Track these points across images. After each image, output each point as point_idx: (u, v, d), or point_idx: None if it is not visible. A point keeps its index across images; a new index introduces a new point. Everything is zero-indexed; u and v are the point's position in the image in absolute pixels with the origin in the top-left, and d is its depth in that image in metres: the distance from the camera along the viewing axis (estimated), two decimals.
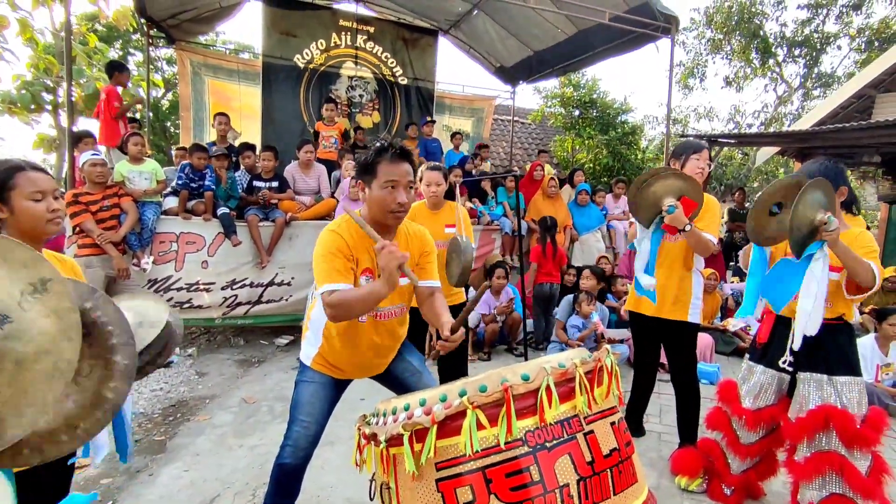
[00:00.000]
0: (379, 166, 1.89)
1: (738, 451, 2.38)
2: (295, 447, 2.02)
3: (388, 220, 1.94)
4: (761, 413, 2.35)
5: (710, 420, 2.51)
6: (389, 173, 1.88)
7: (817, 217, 1.95)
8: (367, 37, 8.47)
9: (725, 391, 2.51)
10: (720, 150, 8.83)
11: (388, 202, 1.89)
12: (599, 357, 1.46)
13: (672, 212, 2.49)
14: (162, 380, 4.27)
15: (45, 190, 1.58)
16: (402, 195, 1.90)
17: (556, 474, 1.28)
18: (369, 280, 1.95)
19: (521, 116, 12.56)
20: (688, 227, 2.51)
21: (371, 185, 1.92)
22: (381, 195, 1.89)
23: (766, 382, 2.36)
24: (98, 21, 12.60)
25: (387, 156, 1.89)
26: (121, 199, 4.30)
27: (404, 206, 1.92)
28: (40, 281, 1.26)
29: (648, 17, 6.53)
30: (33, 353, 1.21)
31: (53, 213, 1.59)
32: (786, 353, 2.29)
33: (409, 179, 1.92)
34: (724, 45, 13.87)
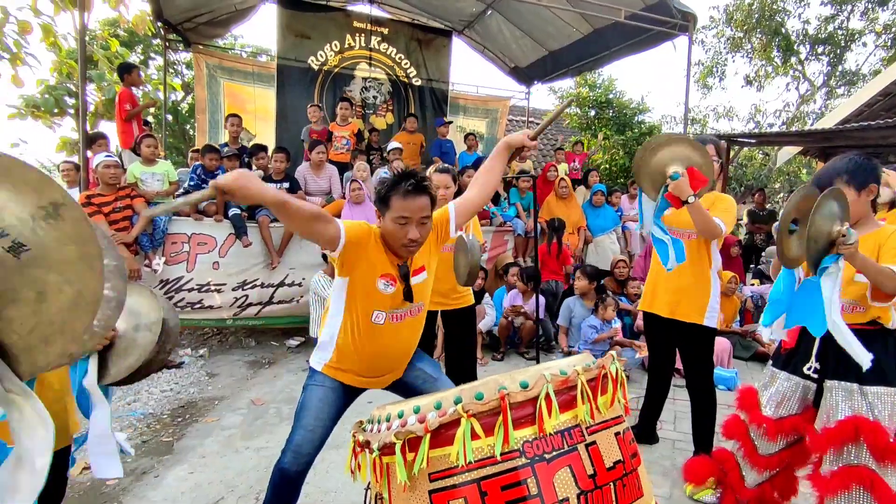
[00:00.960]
0: (392, 199, 1.84)
1: (755, 462, 2.27)
2: (297, 453, 1.97)
3: (399, 252, 1.91)
4: (783, 422, 2.22)
5: (727, 428, 2.40)
6: (401, 209, 1.82)
7: (834, 229, 1.85)
8: (381, 38, 8.47)
9: (745, 398, 2.38)
10: (739, 150, 8.63)
11: (398, 237, 1.85)
12: (603, 364, 1.39)
13: (676, 178, 2.32)
14: (172, 380, 4.28)
15: None
16: (414, 231, 1.84)
17: (556, 488, 1.21)
18: (388, 285, 1.91)
19: (537, 117, 12.44)
20: (691, 198, 2.36)
21: (385, 216, 1.87)
22: (392, 229, 1.84)
23: (789, 390, 2.22)
24: (119, 26, 12.79)
25: (401, 190, 1.82)
26: (133, 200, 4.33)
27: (416, 241, 1.86)
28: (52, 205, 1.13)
29: (665, 14, 6.41)
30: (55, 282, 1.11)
31: None
32: (811, 360, 2.17)
33: (422, 215, 1.85)
34: (745, 44, 13.59)
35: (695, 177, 2.37)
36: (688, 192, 2.35)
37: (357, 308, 1.92)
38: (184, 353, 4.85)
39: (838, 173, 2.07)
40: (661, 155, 2.40)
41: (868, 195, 2.05)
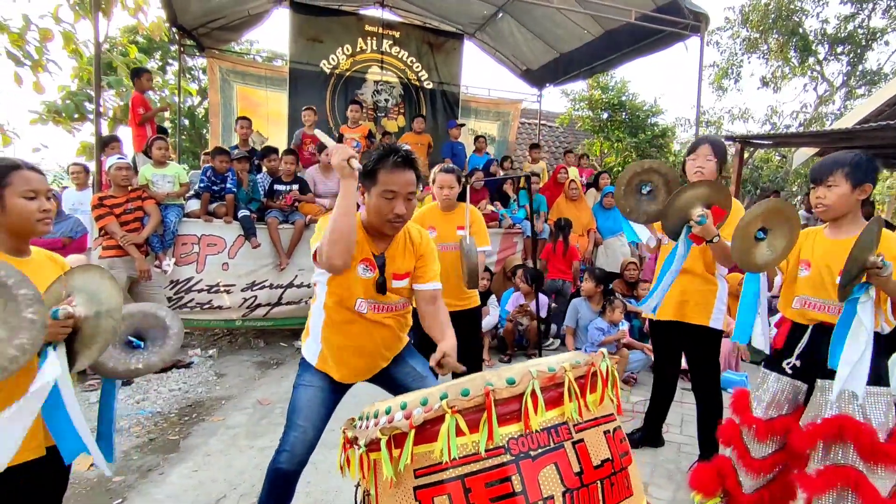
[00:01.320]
0: (379, 173, 1.81)
1: (749, 466, 2.23)
2: (291, 453, 1.98)
3: (384, 228, 1.89)
4: (773, 423, 2.18)
5: (722, 433, 2.35)
6: (389, 182, 1.80)
7: (870, 259, 1.83)
8: (393, 41, 8.52)
9: (738, 400, 2.35)
10: (753, 152, 8.50)
11: (384, 212, 1.83)
12: (593, 361, 1.37)
13: (703, 222, 2.31)
14: (181, 380, 4.33)
15: (39, 189, 1.60)
16: (401, 206, 1.82)
17: (541, 485, 1.20)
18: (367, 269, 1.92)
19: (549, 120, 12.41)
20: (716, 238, 2.35)
21: (370, 191, 1.85)
22: (378, 203, 1.82)
23: (779, 390, 2.20)
24: (138, 33, 13.03)
25: (388, 163, 1.80)
26: (144, 202, 4.39)
27: (402, 216, 1.85)
28: None
29: (677, 15, 6.36)
30: None
31: (44, 213, 1.60)
32: (792, 357, 2.15)
33: (409, 190, 1.83)
34: (761, 45, 13.38)
35: (716, 213, 2.37)
36: (714, 233, 2.34)
37: (340, 296, 1.93)
38: (193, 353, 4.90)
39: (841, 165, 2.05)
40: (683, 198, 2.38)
41: (861, 194, 2.04)
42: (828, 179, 2.05)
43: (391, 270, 1.98)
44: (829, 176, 2.05)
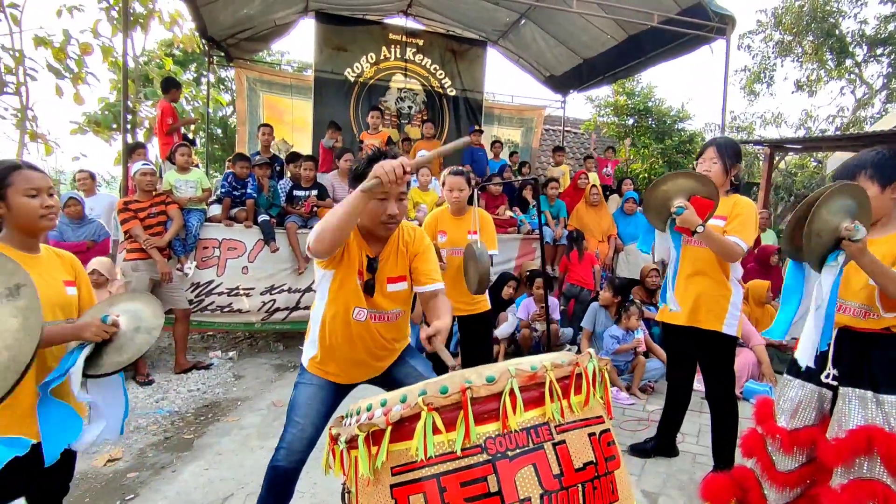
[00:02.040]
0: None
1: (774, 478, 2.12)
2: (289, 450, 1.99)
3: (378, 230, 1.90)
4: (798, 434, 2.07)
5: (745, 443, 2.26)
6: None
7: (843, 224, 1.74)
8: (417, 49, 8.59)
9: (761, 409, 2.25)
10: (784, 156, 8.24)
11: (377, 213, 1.83)
12: (578, 361, 1.34)
13: (681, 212, 2.33)
14: (200, 381, 4.41)
15: (40, 187, 1.66)
16: (393, 207, 1.83)
17: (517, 486, 1.17)
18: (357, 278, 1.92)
19: (574, 126, 12.31)
20: (700, 228, 2.34)
21: None
22: (371, 206, 1.82)
23: (803, 399, 2.08)
24: (174, 46, 13.47)
25: None
26: (168, 206, 4.51)
27: (395, 217, 1.85)
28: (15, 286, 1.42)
29: (702, 17, 6.24)
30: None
31: (47, 209, 1.67)
32: (828, 366, 2.03)
33: (400, 191, 1.83)
34: (795, 47, 13.00)
35: (700, 204, 2.36)
36: (695, 223, 2.35)
37: (339, 302, 1.93)
38: (214, 355, 4.99)
39: (863, 167, 1.95)
40: (662, 188, 2.41)
41: (893, 192, 1.91)
42: None
43: (385, 274, 1.98)
44: (854, 179, 1.94)
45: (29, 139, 10.61)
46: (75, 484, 2.86)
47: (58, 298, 1.71)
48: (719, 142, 2.66)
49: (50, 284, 1.70)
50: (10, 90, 9.92)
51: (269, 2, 7.28)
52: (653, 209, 2.46)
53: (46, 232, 1.75)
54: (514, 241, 5.82)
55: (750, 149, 13.05)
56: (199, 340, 5.63)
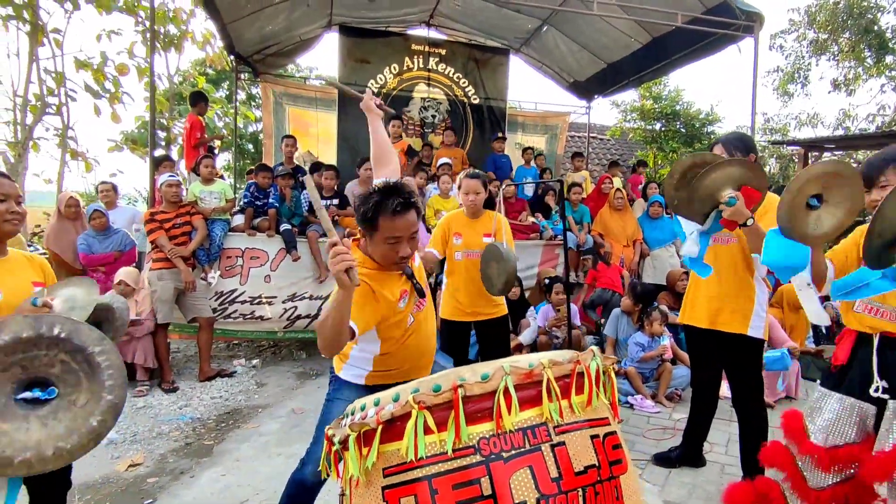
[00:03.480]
0: (379, 220, 1.75)
1: (805, 496, 1.95)
2: (318, 465, 1.95)
3: (391, 269, 1.88)
4: (837, 452, 1.91)
5: (766, 455, 2.10)
6: (391, 229, 1.74)
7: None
8: (439, 59, 8.61)
9: (790, 423, 2.07)
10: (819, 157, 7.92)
11: (390, 257, 1.81)
12: (578, 359, 1.27)
13: (733, 203, 2.09)
14: (223, 388, 4.46)
15: (8, 194, 1.76)
16: (405, 248, 1.79)
17: (512, 489, 1.12)
18: (404, 300, 1.91)
19: (600, 132, 12.15)
20: (750, 220, 2.11)
21: (372, 237, 1.81)
22: (383, 250, 1.80)
23: (843, 414, 1.92)
24: (207, 65, 13.91)
25: (388, 210, 1.73)
26: (192, 217, 4.60)
27: (407, 257, 1.83)
28: None
29: (728, 16, 6.07)
30: None
31: (12, 214, 1.76)
32: (874, 379, 1.84)
33: (412, 231, 1.79)
34: (830, 46, 12.55)
35: (749, 195, 2.13)
36: (746, 215, 2.10)
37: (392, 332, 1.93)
38: (237, 362, 5.05)
39: (891, 160, 1.84)
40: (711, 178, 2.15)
41: None
42: (879, 180, 1.85)
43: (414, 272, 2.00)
44: (881, 175, 1.85)
45: (70, 157, 11.08)
46: (96, 488, 2.92)
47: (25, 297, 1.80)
48: (725, 137, 2.57)
49: (17, 284, 1.79)
50: (52, 111, 10.39)
51: (294, 18, 7.42)
52: (698, 202, 2.20)
53: (11, 236, 1.83)
54: (536, 247, 5.74)
55: (785, 151, 12.64)
56: (224, 349, 5.71)
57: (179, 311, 4.57)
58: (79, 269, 4.65)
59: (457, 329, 3.48)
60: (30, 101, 10.02)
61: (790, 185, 1.80)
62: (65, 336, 1.64)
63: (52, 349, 1.63)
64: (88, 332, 1.70)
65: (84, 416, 1.66)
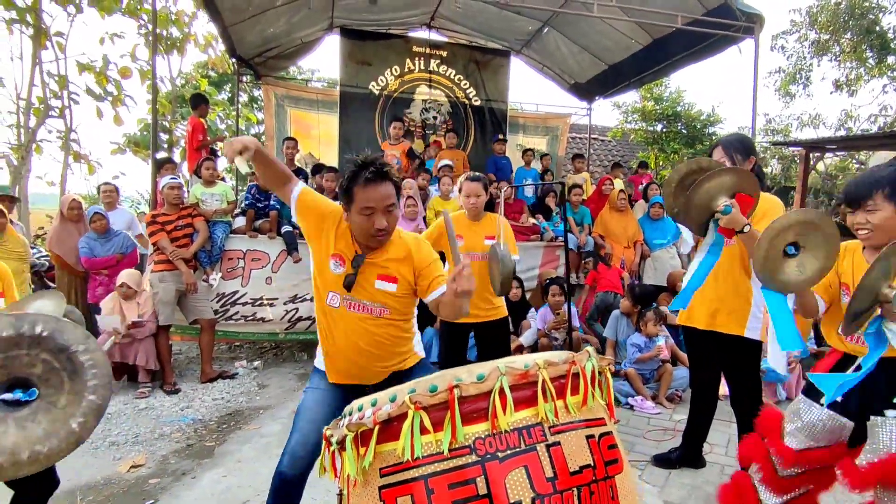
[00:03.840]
0: (355, 191, 1.80)
1: (774, 485, 1.99)
2: (293, 456, 1.96)
3: (370, 243, 1.89)
4: (805, 454, 1.94)
5: (746, 450, 2.11)
6: (365, 199, 1.78)
7: (883, 290, 1.62)
8: (441, 60, 8.63)
9: (767, 422, 2.09)
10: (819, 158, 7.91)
11: (366, 228, 1.82)
12: (574, 360, 1.28)
13: (728, 212, 2.12)
14: (225, 390, 4.47)
15: None
16: (381, 220, 1.81)
17: (507, 489, 1.12)
18: (338, 265, 1.92)
19: (601, 133, 12.15)
20: (747, 227, 2.14)
21: (350, 210, 1.84)
22: (359, 221, 1.82)
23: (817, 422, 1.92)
24: (210, 68, 13.97)
25: (361, 179, 1.78)
26: (194, 219, 4.62)
27: (384, 229, 1.83)
28: None
29: (728, 17, 6.09)
30: None
31: None
32: None
33: (387, 203, 1.81)
34: (832, 46, 12.54)
35: (743, 202, 2.17)
36: (742, 222, 2.13)
37: (318, 285, 1.96)
38: (239, 364, 5.06)
39: (878, 185, 1.78)
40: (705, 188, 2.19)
41: None
42: (866, 203, 1.80)
43: (375, 271, 1.94)
44: (868, 199, 1.80)
45: (73, 160, 11.13)
46: (98, 489, 2.93)
47: None
48: (724, 139, 2.58)
49: None
50: (55, 114, 10.44)
51: (295, 20, 7.45)
52: (694, 211, 2.24)
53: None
54: (537, 248, 5.74)
55: (787, 152, 12.63)
56: (226, 350, 5.73)
57: (181, 312, 4.59)
58: (81, 272, 4.68)
59: (455, 331, 3.50)
60: (33, 104, 10.08)
61: (760, 239, 1.81)
62: (47, 335, 1.59)
63: (33, 348, 1.58)
64: (72, 330, 1.66)
65: (64, 418, 1.60)
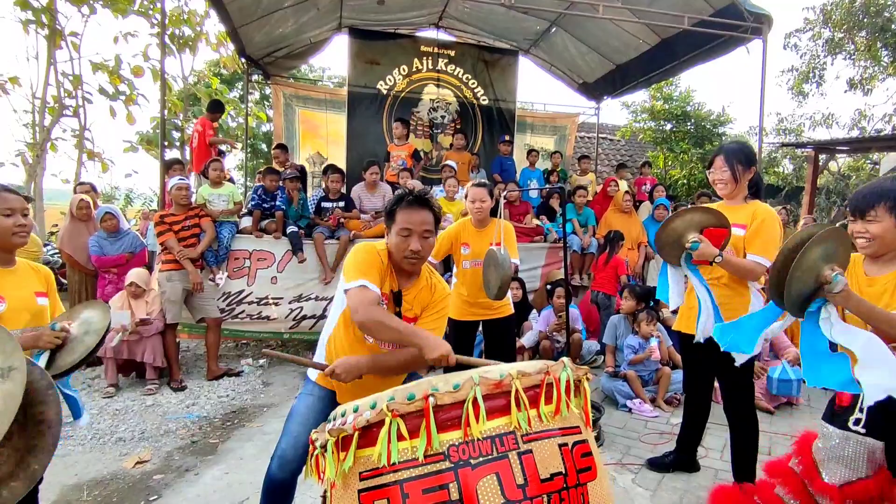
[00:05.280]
0: (397, 213, 1.93)
1: None
2: (282, 459, 2.03)
3: (402, 264, 1.97)
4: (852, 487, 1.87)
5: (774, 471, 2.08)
6: (405, 221, 1.91)
7: (824, 272, 1.70)
8: (449, 60, 8.64)
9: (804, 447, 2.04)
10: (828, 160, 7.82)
11: (401, 249, 1.92)
12: (548, 370, 1.32)
13: (696, 248, 2.35)
14: (230, 387, 4.55)
15: (14, 208, 1.84)
16: (416, 243, 1.91)
17: (478, 495, 1.17)
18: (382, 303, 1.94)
19: (610, 133, 12.10)
20: (718, 258, 2.36)
21: (391, 230, 1.96)
22: (396, 241, 1.92)
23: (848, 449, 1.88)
24: (222, 67, 14.11)
25: (404, 203, 1.93)
26: (201, 219, 4.70)
27: (417, 253, 1.92)
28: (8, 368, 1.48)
29: (736, 18, 6.05)
30: None
31: (19, 227, 1.85)
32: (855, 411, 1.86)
33: (425, 228, 1.92)
34: (846, 45, 12.37)
35: (713, 235, 2.39)
36: (712, 254, 2.36)
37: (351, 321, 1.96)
38: (245, 362, 5.15)
39: (882, 197, 1.82)
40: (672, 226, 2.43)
41: None
42: (868, 213, 1.84)
43: (405, 309, 2.03)
44: (870, 210, 1.83)
45: (87, 157, 11.32)
46: (104, 484, 3.02)
47: (29, 307, 1.89)
48: (727, 149, 2.60)
49: (22, 295, 1.88)
50: (70, 113, 10.62)
51: (303, 21, 7.51)
52: (666, 247, 2.47)
53: (19, 247, 1.91)
54: (540, 249, 5.77)
55: (799, 152, 12.49)
56: (233, 348, 5.82)
57: (188, 311, 4.68)
58: (91, 270, 4.78)
59: (463, 328, 3.60)
60: (48, 103, 10.25)
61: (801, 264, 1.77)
62: None
63: None
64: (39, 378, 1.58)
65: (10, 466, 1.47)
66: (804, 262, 1.70)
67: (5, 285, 1.83)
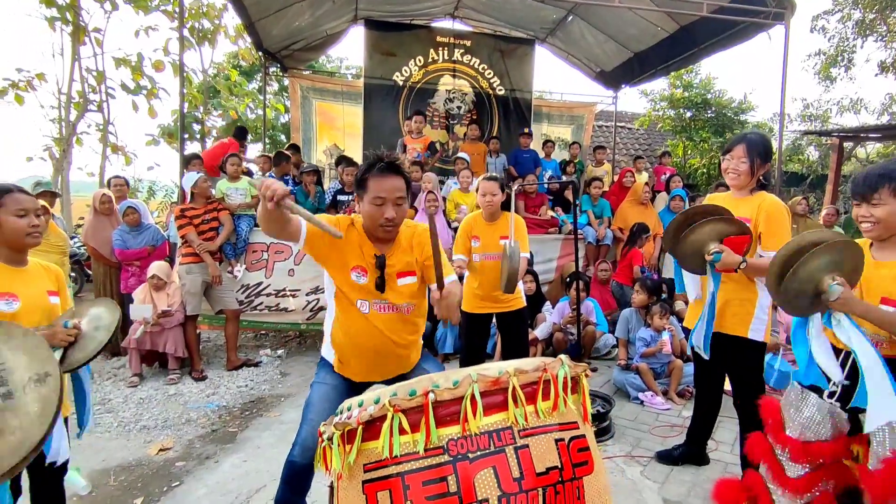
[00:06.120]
0: (369, 181, 1.94)
1: (784, 484, 2.02)
2: (303, 447, 2.10)
3: (378, 233, 2.00)
4: (810, 447, 1.94)
5: (750, 447, 2.13)
6: (377, 189, 1.92)
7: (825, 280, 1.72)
8: (465, 50, 8.62)
9: (767, 413, 2.10)
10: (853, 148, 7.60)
11: (375, 217, 1.95)
12: (545, 367, 1.36)
13: (718, 259, 2.34)
14: (249, 377, 4.67)
15: (28, 209, 1.91)
16: (390, 211, 1.93)
17: (476, 487, 1.22)
18: (360, 276, 2.02)
19: (629, 121, 11.94)
20: (742, 265, 2.34)
21: (363, 199, 1.98)
22: (369, 210, 1.95)
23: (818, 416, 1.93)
24: (241, 59, 14.23)
25: (374, 170, 1.93)
26: (220, 213, 4.81)
27: (392, 220, 1.95)
28: (45, 374, 1.61)
29: (758, 3, 5.92)
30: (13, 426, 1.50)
31: (33, 227, 1.92)
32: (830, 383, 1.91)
33: (397, 195, 1.94)
34: (878, 26, 11.96)
35: (734, 243, 2.38)
36: (736, 262, 2.34)
37: (343, 298, 2.04)
38: (263, 352, 5.27)
39: (888, 179, 1.81)
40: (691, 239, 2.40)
41: None
42: (872, 196, 1.83)
43: (395, 270, 2.07)
44: (874, 193, 1.83)
45: (111, 151, 11.56)
46: (130, 469, 3.14)
47: (42, 306, 1.96)
48: (750, 139, 2.53)
49: (35, 294, 1.95)
50: (94, 107, 10.85)
51: (319, 13, 7.55)
52: (687, 259, 2.46)
53: (33, 247, 1.98)
54: (555, 241, 5.77)
55: (824, 140, 12.19)
56: (252, 339, 5.95)
57: (207, 302, 4.80)
58: (115, 263, 4.92)
59: (477, 321, 3.64)
60: (73, 98, 10.48)
61: None
62: None
63: None
64: None
65: None
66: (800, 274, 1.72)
67: (19, 285, 1.90)
